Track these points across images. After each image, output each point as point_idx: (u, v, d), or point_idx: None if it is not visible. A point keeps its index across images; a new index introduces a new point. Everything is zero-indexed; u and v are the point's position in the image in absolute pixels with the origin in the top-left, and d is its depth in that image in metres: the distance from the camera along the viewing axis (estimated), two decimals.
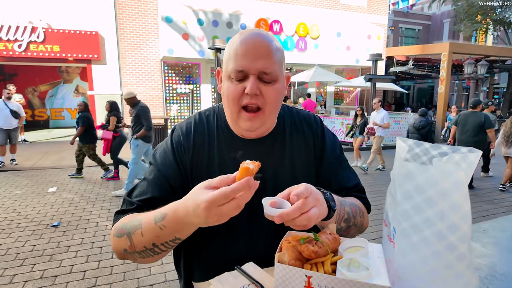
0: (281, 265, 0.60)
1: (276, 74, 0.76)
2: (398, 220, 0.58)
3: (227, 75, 0.77)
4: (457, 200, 0.51)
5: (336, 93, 14.31)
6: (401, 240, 0.58)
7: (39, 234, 3.70)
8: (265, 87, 0.75)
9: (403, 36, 24.55)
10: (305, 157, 0.88)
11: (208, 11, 9.96)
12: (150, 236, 0.67)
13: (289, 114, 0.91)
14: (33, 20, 8.97)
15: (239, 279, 0.67)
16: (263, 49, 0.74)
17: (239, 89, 0.75)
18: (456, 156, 0.59)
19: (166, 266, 3.04)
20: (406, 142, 0.70)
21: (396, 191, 0.58)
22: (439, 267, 0.54)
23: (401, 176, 0.57)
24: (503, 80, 21.64)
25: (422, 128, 6.00)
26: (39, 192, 5.25)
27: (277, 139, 0.86)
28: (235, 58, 0.75)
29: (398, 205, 0.58)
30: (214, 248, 0.83)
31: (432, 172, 0.52)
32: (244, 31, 0.78)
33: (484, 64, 11.62)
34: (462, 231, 0.51)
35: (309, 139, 0.89)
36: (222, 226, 0.78)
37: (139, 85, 10.34)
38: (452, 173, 0.51)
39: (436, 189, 0.52)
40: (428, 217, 0.53)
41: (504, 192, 5.68)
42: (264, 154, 0.83)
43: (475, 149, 0.59)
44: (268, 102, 0.76)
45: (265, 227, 0.81)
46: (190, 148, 0.83)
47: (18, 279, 2.80)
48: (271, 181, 0.82)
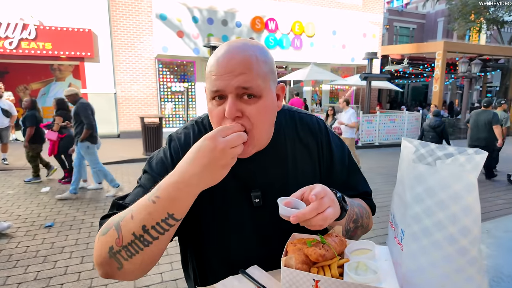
0: (288, 269, 0.59)
1: (259, 89, 0.67)
2: (408, 223, 0.57)
3: (208, 96, 0.70)
4: (469, 203, 0.50)
5: (331, 92, 14.35)
6: (410, 243, 0.57)
7: (33, 235, 3.64)
8: (248, 107, 0.66)
9: (397, 35, 24.70)
10: (310, 171, 0.82)
11: (203, 8, 9.89)
12: (142, 216, 0.59)
13: (290, 123, 0.84)
14: (24, 17, 8.81)
15: (244, 283, 0.66)
16: (241, 65, 0.65)
17: (220, 112, 0.67)
18: (461, 158, 0.58)
19: (162, 267, 3.01)
20: (412, 142, 0.69)
21: (406, 193, 0.57)
22: (450, 271, 0.53)
23: (410, 178, 0.56)
24: (496, 79, 21.91)
25: (437, 127, 6.45)
26: (32, 192, 5.17)
27: (278, 152, 0.80)
28: (210, 77, 0.68)
29: (408, 208, 0.56)
30: (220, 251, 0.81)
31: (443, 174, 0.51)
32: (222, 46, 0.70)
33: (478, 63, 11.75)
34: (474, 234, 0.50)
35: (314, 151, 0.83)
36: (230, 228, 0.77)
37: (133, 83, 10.24)
38: (464, 175, 0.50)
39: (448, 192, 0.51)
40: (439, 220, 0.52)
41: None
42: (261, 169, 0.78)
43: (481, 150, 0.58)
44: (255, 123, 0.67)
45: (270, 231, 0.79)
46: None
47: (11, 281, 2.75)
48: (271, 197, 0.73)
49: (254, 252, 0.78)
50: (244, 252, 0.78)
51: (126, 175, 6.30)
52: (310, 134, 0.84)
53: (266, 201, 0.77)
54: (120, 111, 10.25)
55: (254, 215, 0.78)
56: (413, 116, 11.28)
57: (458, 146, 0.66)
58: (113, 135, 10.37)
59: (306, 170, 0.82)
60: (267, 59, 0.71)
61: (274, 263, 0.71)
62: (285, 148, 0.81)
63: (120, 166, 6.99)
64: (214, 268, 0.80)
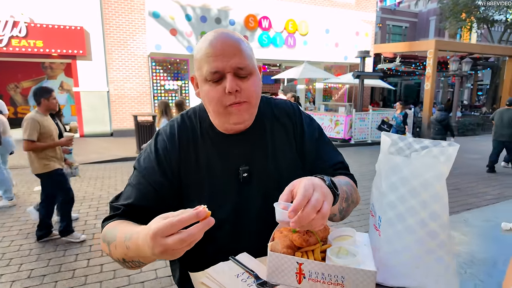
0: (274, 253, 0.63)
1: (250, 68, 0.78)
2: (384, 210, 0.61)
3: (203, 79, 0.78)
4: (438, 190, 0.54)
5: (325, 90, 14.44)
6: (386, 228, 0.61)
7: (25, 233, 3.63)
8: (243, 83, 0.77)
9: (390, 33, 24.90)
10: (288, 149, 0.90)
11: (196, 6, 9.86)
12: (120, 252, 0.68)
13: (268, 107, 0.93)
14: (14, 14, 8.68)
15: (233, 268, 0.70)
16: (233, 47, 0.76)
17: (219, 91, 0.76)
18: (435, 150, 0.62)
19: (157, 263, 3.04)
20: (391, 136, 0.74)
21: (382, 183, 0.61)
22: (422, 253, 0.57)
23: (386, 169, 0.60)
24: (486, 77, 22.26)
25: (442, 121, 7.32)
26: (24, 191, 5.14)
27: (259, 133, 0.88)
28: (207, 60, 0.75)
29: (384, 196, 0.61)
30: (209, 243, 0.84)
31: (416, 164, 0.56)
32: (209, 34, 0.79)
33: (468, 61, 11.93)
34: (442, 219, 0.55)
35: (290, 130, 0.91)
36: (219, 203, 0.81)
37: (126, 82, 10.18)
38: (434, 165, 0.54)
39: (419, 180, 0.55)
40: (412, 206, 0.57)
41: None
42: (248, 148, 0.86)
43: (454, 143, 0.63)
44: (250, 95, 0.79)
45: (255, 224, 0.83)
46: (176, 151, 0.84)
47: (5, 279, 2.75)
48: (256, 173, 0.85)
49: (242, 227, 0.83)
50: (231, 227, 0.83)
51: (119, 174, 6.29)
52: (286, 115, 0.93)
53: (252, 176, 0.85)
54: (113, 110, 10.19)
55: (242, 190, 0.84)
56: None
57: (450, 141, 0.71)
58: (106, 133, 10.31)
59: (284, 148, 0.89)
60: (248, 44, 0.82)
61: (261, 240, 0.77)
62: (265, 127, 0.89)
63: (113, 165, 6.97)
64: (203, 248, 0.84)
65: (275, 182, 0.84)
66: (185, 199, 0.83)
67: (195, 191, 0.83)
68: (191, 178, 0.83)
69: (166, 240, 0.53)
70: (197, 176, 0.83)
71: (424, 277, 0.58)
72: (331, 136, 10.30)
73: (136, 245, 0.61)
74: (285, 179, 0.75)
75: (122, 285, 2.71)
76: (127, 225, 0.72)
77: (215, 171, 0.84)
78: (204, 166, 0.83)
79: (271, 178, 0.85)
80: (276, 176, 0.85)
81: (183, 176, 0.83)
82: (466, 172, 6.84)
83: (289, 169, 0.87)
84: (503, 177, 6.48)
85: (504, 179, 6.30)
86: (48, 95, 3.30)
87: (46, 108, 3.31)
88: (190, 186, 0.83)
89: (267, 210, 0.77)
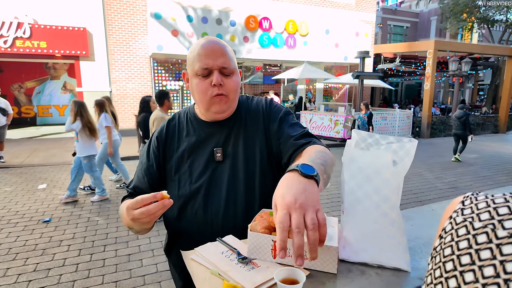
0: (253, 233, 0.73)
1: (232, 68, 0.97)
2: (346, 195, 0.72)
3: (193, 74, 0.97)
4: (387, 176, 0.65)
5: (325, 90, 14.52)
6: (349, 211, 0.71)
7: (31, 229, 3.76)
8: (226, 79, 0.96)
9: (391, 33, 24.92)
10: (259, 134, 1.03)
11: (197, 7, 9.97)
12: (125, 222, 0.90)
13: (246, 102, 1.10)
14: (19, 16, 8.83)
15: (219, 248, 0.80)
16: (220, 50, 0.96)
17: (206, 83, 0.95)
18: (394, 145, 0.73)
19: (158, 258, 3.15)
20: (360, 134, 0.84)
21: (344, 172, 0.72)
22: (376, 231, 0.68)
23: (347, 160, 0.71)
24: (487, 77, 22.26)
25: (461, 117, 7.66)
26: (29, 189, 5.27)
27: (235, 121, 1.04)
28: (199, 59, 0.94)
29: (346, 183, 0.71)
30: (196, 225, 0.99)
31: (368, 155, 0.66)
32: (201, 39, 0.98)
33: (468, 61, 11.98)
34: (392, 201, 0.65)
35: (260, 117, 1.06)
36: (196, 181, 1.00)
37: (128, 82, 10.31)
38: (382, 156, 0.65)
39: (372, 169, 0.66)
40: (367, 191, 0.67)
41: None
42: (224, 133, 1.02)
43: (413, 139, 0.74)
44: (230, 90, 0.97)
45: (225, 194, 0.99)
46: (163, 139, 1.05)
47: (11, 272, 2.87)
48: (230, 155, 1.01)
49: (213, 196, 0.99)
50: (204, 195, 0.99)
51: None
52: (260, 106, 1.08)
53: (225, 157, 1.01)
54: (115, 109, 10.31)
55: (216, 167, 1.01)
56: (405, 114, 11.47)
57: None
58: None
59: (254, 129, 1.04)
60: (231, 50, 1.02)
61: (227, 206, 0.96)
62: (241, 118, 1.05)
63: None
64: (185, 209, 1.00)
65: (242, 161, 1.00)
66: (168, 174, 1.03)
67: (176, 167, 1.02)
68: (173, 158, 1.03)
69: (133, 211, 0.78)
70: (178, 156, 1.02)
71: (379, 252, 0.68)
72: (330, 136, 10.38)
73: (124, 214, 0.83)
74: (252, 160, 1.00)
75: (124, 278, 2.82)
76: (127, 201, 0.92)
77: (195, 152, 1.02)
78: (185, 149, 1.02)
79: (240, 157, 1.00)
80: (244, 155, 1.00)
81: (167, 159, 1.03)
82: (464, 171, 6.92)
83: (257, 150, 1.01)
84: (499, 177, 6.56)
85: (500, 179, 6.37)
86: (169, 97, 4.09)
87: (167, 107, 4.09)
88: (173, 162, 1.03)
89: (234, 183, 0.98)
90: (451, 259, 0.41)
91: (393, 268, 0.70)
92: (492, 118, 14.52)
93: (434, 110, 15.56)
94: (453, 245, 0.42)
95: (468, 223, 0.42)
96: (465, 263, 0.39)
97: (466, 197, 0.47)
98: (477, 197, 0.46)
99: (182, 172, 1.01)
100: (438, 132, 12.67)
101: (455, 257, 0.41)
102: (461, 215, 0.44)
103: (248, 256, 0.74)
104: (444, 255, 0.42)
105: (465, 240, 0.41)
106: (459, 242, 0.41)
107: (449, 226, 0.45)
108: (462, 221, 0.43)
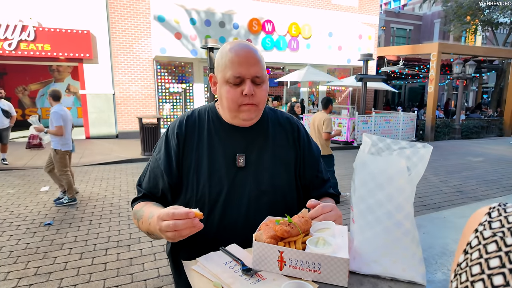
0: (258, 243, 0.70)
1: (264, 77, 0.95)
2: (357, 203, 0.68)
3: (224, 81, 0.93)
4: (401, 184, 0.61)
5: (328, 93, 14.47)
6: (359, 219, 0.67)
7: (32, 232, 3.73)
8: (257, 89, 0.93)
9: (394, 36, 24.86)
10: (286, 148, 1.03)
11: (200, 10, 9.99)
12: (145, 227, 0.89)
13: (273, 114, 1.09)
14: (23, 19, 8.89)
15: (222, 257, 0.76)
16: (254, 58, 0.92)
17: (238, 92, 0.92)
18: (407, 151, 0.69)
19: (159, 262, 3.11)
20: (371, 138, 0.80)
21: (355, 178, 0.68)
22: (389, 242, 0.64)
23: (358, 166, 0.67)
24: (492, 80, 22.10)
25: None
26: (32, 191, 5.26)
27: (261, 130, 1.02)
28: (231, 66, 0.91)
29: (356, 190, 0.67)
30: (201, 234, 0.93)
31: (380, 162, 0.62)
32: (232, 43, 0.94)
33: (472, 64, 11.89)
34: (406, 210, 0.61)
35: (290, 134, 1.06)
36: (216, 187, 0.96)
37: (131, 84, 10.33)
38: (396, 162, 0.61)
39: (384, 175, 0.62)
40: (379, 199, 0.63)
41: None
42: (247, 140, 1.00)
43: (428, 145, 0.69)
44: (261, 100, 0.95)
45: (245, 204, 0.95)
46: (182, 135, 0.99)
47: (12, 276, 2.84)
48: (253, 164, 0.98)
49: (233, 205, 0.95)
50: (223, 204, 0.96)
51: (124, 175, 6.39)
52: (289, 123, 1.09)
53: (248, 164, 0.98)
54: (118, 112, 10.34)
55: (237, 174, 0.97)
56: (408, 117, 11.40)
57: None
58: (111, 135, 10.47)
59: (283, 149, 1.03)
60: (262, 55, 0.98)
61: (248, 217, 0.92)
62: (267, 127, 1.04)
63: (118, 166, 7.09)
64: (192, 246, 0.94)
65: (267, 173, 0.97)
66: (185, 172, 0.97)
67: (195, 165, 0.97)
68: (192, 156, 0.98)
69: (162, 222, 0.75)
70: (197, 154, 0.98)
71: (392, 264, 0.64)
72: (333, 139, 10.31)
73: (154, 222, 0.81)
74: (277, 173, 0.95)
75: (125, 282, 2.78)
76: (151, 206, 0.93)
77: (215, 153, 0.98)
78: (205, 147, 0.97)
79: (265, 169, 0.97)
80: (270, 168, 0.98)
81: (186, 152, 0.98)
82: (469, 175, 6.84)
83: (284, 162, 1.00)
84: (505, 181, 6.46)
85: (507, 183, 6.28)
86: (332, 102, 4.99)
87: (329, 110, 4.95)
88: (191, 160, 0.97)
89: (256, 194, 0.93)
90: (481, 279, 0.37)
91: (407, 281, 0.66)
92: (497, 121, 14.39)
93: (438, 113, 15.44)
94: (482, 262, 0.38)
95: (498, 238, 0.38)
96: (498, 284, 0.35)
97: (492, 209, 0.43)
98: (506, 208, 0.42)
99: (201, 173, 0.96)
100: (442, 135, 12.56)
101: (485, 277, 0.37)
102: (489, 228, 0.40)
103: (253, 268, 0.70)
104: (472, 273, 0.38)
105: (497, 258, 0.37)
106: (489, 260, 0.37)
107: (475, 241, 0.41)
108: (491, 235, 0.39)
